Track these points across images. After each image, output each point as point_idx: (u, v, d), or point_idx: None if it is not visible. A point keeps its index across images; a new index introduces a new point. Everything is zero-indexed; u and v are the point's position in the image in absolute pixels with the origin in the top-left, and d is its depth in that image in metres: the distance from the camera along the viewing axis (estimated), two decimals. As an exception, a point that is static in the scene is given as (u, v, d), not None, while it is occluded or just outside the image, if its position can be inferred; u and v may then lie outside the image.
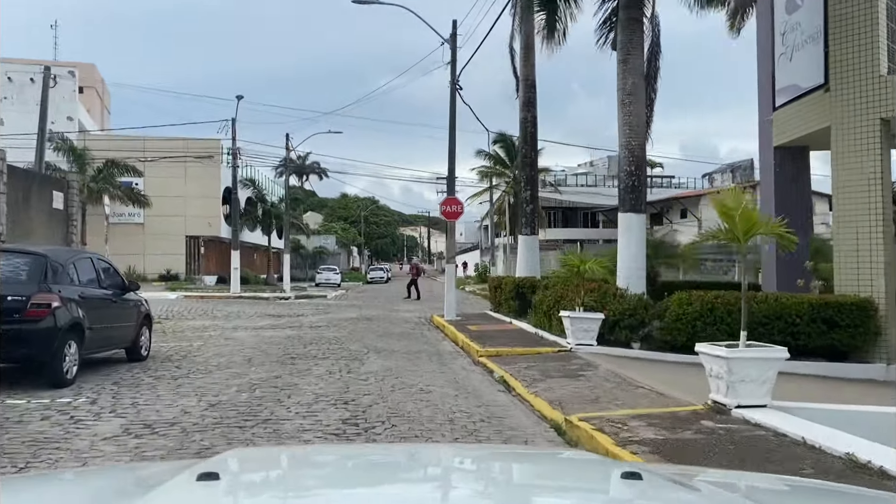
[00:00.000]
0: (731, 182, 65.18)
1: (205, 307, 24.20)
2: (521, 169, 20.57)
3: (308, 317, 21.52)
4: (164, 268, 38.34)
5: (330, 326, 17.99)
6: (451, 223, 19.32)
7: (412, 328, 18.05)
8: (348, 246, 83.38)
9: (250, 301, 28.14)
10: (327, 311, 24.42)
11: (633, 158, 13.41)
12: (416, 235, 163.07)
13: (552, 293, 14.30)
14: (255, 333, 16.14)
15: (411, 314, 23.44)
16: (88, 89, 44.62)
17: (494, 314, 20.20)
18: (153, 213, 38.94)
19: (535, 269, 20.54)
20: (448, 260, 19.36)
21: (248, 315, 21.63)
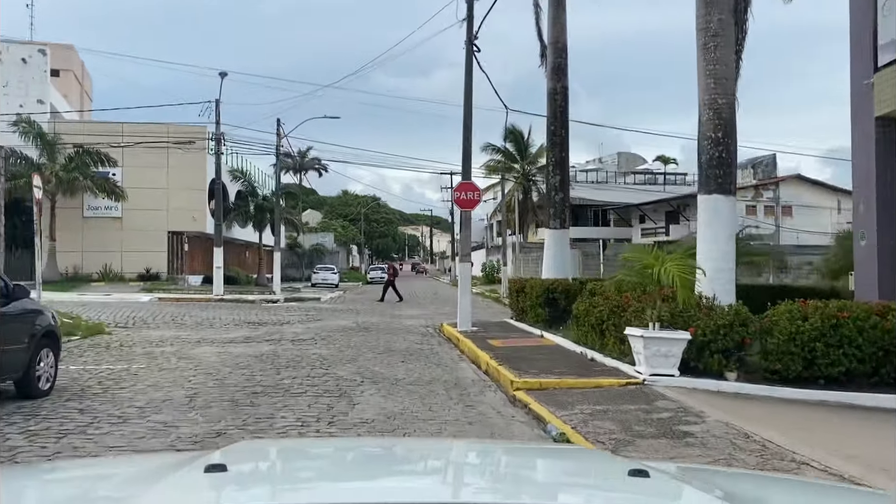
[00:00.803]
0: (752, 178, 61.85)
1: (176, 312, 20.82)
2: (550, 150, 17.20)
3: (294, 325, 18.14)
4: (144, 266, 34.92)
5: (317, 340, 14.61)
6: (465, 213, 15.94)
7: (419, 342, 14.67)
8: (348, 244, 79.98)
9: (231, 305, 24.77)
10: (318, 317, 21.04)
11: (721, 121, 9.97)
12: (417, 234, 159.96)
13: (605, 302, 10.91)
14: (221, 350, 12.75)
15: (416, 321, 20.07)
16: (66, 73, 41.24)
17: (517, 324, 16.82)
18: (132, 207, 35.51)
19: (566, 269, 17.16)
20: (462, 257, 16.00)
21: (222, 323, 18.25)
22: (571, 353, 11.39)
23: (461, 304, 15.78)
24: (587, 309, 11.68)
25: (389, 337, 15.32)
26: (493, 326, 16.59)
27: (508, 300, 18.22)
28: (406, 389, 9.04)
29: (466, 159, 15.90)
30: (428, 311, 24.34)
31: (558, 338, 13.29)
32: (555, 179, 17.17)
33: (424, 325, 18.71)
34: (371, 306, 26.89)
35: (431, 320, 20.65)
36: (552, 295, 15.14)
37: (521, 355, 11.28)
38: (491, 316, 21.42)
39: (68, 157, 31.78)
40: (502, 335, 14.54)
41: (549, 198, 17.35)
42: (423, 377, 10.00)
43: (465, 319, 15.67)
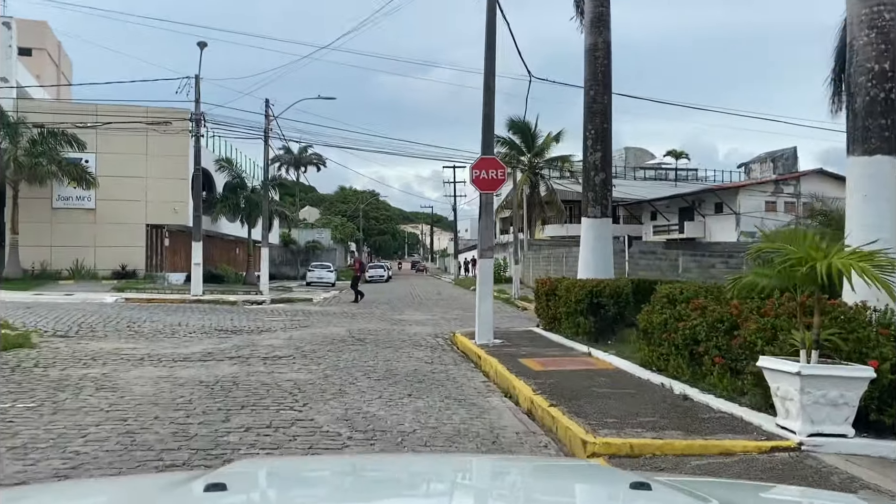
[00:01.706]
0: (771, 173, 58.61)
1: (138, 316, 17.56)
2: (589, 119, 13.93)
3: (275, 333, 14.89)
4: (119, 263, 31.66)
5: (298, 356, 11.34)
6: (486, 196, 12.66)
7: (428, 359, 11.40)
8: (346, 242, 76.65)
9: (208, 307, 21.49)
10: (306, 322, 17.78)
11: (887, 46, 6.71)
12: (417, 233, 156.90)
13: (700, 314, 7.66)
14: (166, 374, 9.50)
15: (421, 329, 16.83)
16: (39, 51, 37.96)
17: (548, 335, 13.58)
18: (106, 197, 32.26)
19: (609, 266, 13.95)
20: (483, 252, 12.71)
21: (187, 331, 14.99)
22: (647, 386, 8.12)
23: (480, 310, 12.54)
24: (665, 322, 8.43)
25: (390, 353, 12.05)
26: (518, 338, 13.34)
27: (535, 305, 14.98)
28: (416, 444, 5.79)
29: (488, 129, 12.63)
30: (434, 316, 21.09)
31: (615, 358, 10.04)
32: (594, 156, 13.90)
33: (433, 335, 15.46)
34: (369, 309, 23.63)
35: (439, 327, 17.42)
36: (597, 300, 11.89)
37: (575, 386, 8.03)
38: (509, 322, 18.18)
39: (31, 140, 28.48)
40: (536, 351, 11.29)
41: (586, 179, 14.09)
42: (441, 426, 6.72)
43: (486, 330, 12.43)
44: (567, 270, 33.60)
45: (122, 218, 32.36)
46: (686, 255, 30.94)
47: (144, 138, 32.14)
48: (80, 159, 31.26)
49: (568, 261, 33.94)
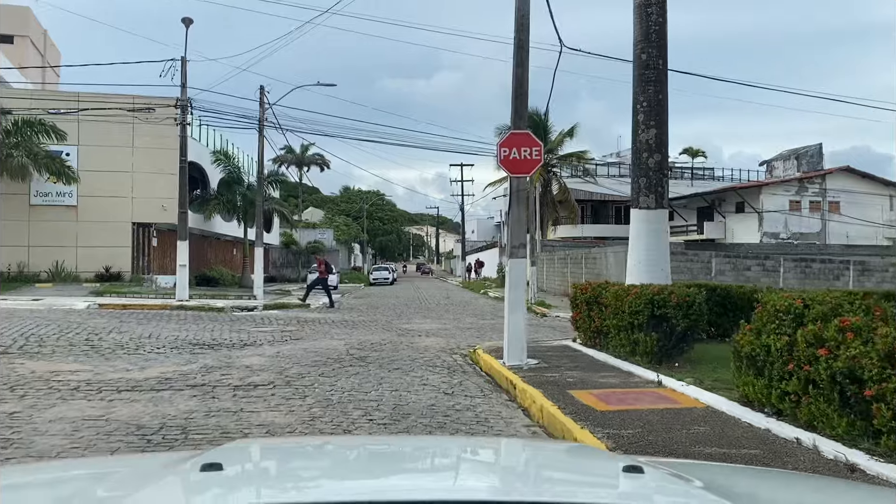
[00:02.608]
0: (795, 171, 55.94)
1: (104, 326, 15.12)
2: (641, 89, 11.40)
3: (259, 349, 12.42)
4: (103, 264, 29.24)
5: (281, 383, 8.85)
6: (518, 181, 10.14)
7: (448, 388, 8.90)
8: (349, 243, 74.21)
9: (191, 314, 19.02)
10: (299, 333, 15.30)
11: None
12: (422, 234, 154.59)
13: (865, 339, 5.16)
14: (99, 413, 7.05)
15: (434, 341, 14.36)
16: (21, 39, 35.61)
17: (591, 353, 11.08)
18: (89, 193, 29.83)
19: (665, 268, 11.40)
20: (513, 251, 10.13)
21: (153, 346, 12.51)
22: (775, 443, 5.59)
23: (510, 323, 10.03)
24: (789, 347, 5.92)
25: (398, 377, 9.54)
26: (555, 356, 10.84)
27: (573, 315, 12.43)
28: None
29: (520, 96, 10.14)
30: (447, 325, 18.60)
31: (699, 391, 7.52)
32: (647, 134, 11.37)
33: (447, 349, 12.99)
34: (373, 316, 21.14)
35: (453, 339, 14.96)
36: (660, 311, 9.37)
37: (667, 441, 5.56)
38: (533, 332, 15.73)
39: (5, 131, 26.07)
40: (586, 378, 8.79)
41: (637, 162, 11.55)
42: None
43: (518, 348, 9.95)
44: (587, 273, 31.05)
45: (106, 216, 29.94)
46: (719, 256, 28.39)
47: (131, 130, 29.70)
48: (60, 152, 28.84)
49: (587, 263, 31.41)
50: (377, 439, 4.56)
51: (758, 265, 28.28)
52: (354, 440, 4.30)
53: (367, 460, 2.23)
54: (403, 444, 2.93)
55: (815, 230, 50.90)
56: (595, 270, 30.05)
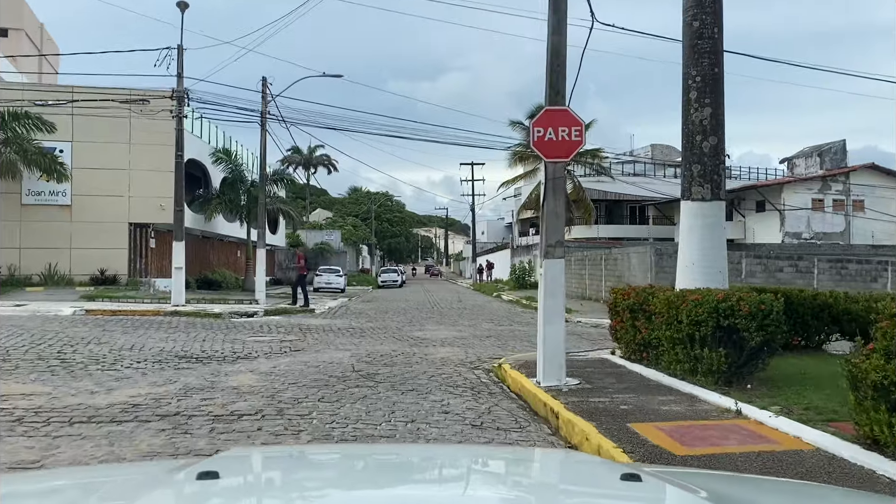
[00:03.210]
0: (817, 168, 54.10)
1: (83, 336, 13.62)
2: (692, 62, 9.78)
3: (254, 363, 10.87)
4: (99, 266, 27.77)
5: (272, 412, 7.26)
6: (554, 168, 8.52)
7: (474, 415, 7.30)
8: (357, 244, 72.65)
9: (185, 321, 17.48)
10: (301, 343, 13.74)
11: None
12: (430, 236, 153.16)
13: None
14: (39, 456, 5.51)
15: (450, 352, 12.81)
16: (16, 32, 34.25)
17: (637, 368, 9.48)
18: (84, 192, 28.40)
19: (723, 270, 9.79)
20: (548, 249, 8.43)
21: (133, 360, 10.96)
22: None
23: (548, 336, 8.43)
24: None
25: (414, 402, 7.94)
26: (597, 374, 9.24)
27: (612, 323, 10.81)
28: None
29: (557, 67, 8.53)
30: (462, 332, 17.01)
31: (797, 426, 5.92)
32: (701, 113, 9.74)
33: (467, 363, 11.42)
34: (382, 322, 19.58)
35: (472, 349, 13.40)
36: (728, 321, 7.77)
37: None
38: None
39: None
40: (643, 405, 7.19)
41: (689, 146, 9.92)
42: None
43: (555, 366, 8.36)
44: (607, 275, 29.41)
45: (101, 216, 28.48)
46: (749, 257, 26.71)
47: (127, 125, 28.24)
48: (53, 149, 27.43)
49: (607, 264, 29.72)
50: (383, 448, 4.43)
51: (790, 266, 26.60)
52: (359, 448, 4.23)
53: (372, 470, 2.19)
54: (411, 453, 2.88)
55: (839, 229, 49.10)
56: (616, 272, 28.40)
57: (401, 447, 4.73)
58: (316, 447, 4.90)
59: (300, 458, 2.44)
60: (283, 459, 2.39)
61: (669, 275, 24.80)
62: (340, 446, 5.19)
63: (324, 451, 3.23)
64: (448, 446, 5.29)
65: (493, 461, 2.46)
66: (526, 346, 14.39)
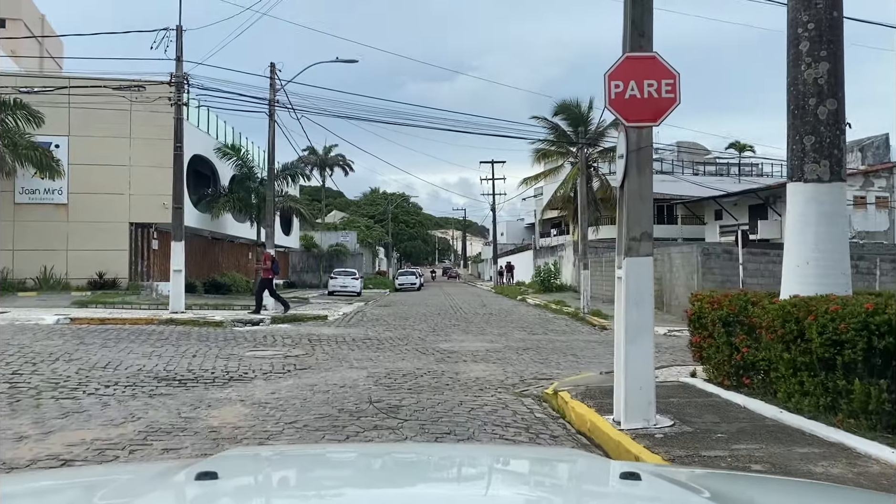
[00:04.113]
0: (859, 163, 51.47)
1: (57, 350, 11.61)
2: (804, 7, 7.63)
3: (248, 386, 8.79)
4: (97, 270, 25.88)
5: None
6: (638, 135, 6.35)
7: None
8: (373, 246, 70.64)
9: (181, 330, 15.44)
10: (307, 360, 11.64)
11: None
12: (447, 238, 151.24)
13: None
14: None
15: (485, 371, 10.69)
16: (14, 22, 32.53)
17: (738, 399, 7.28)
18: (81, 189, 26.54)
19: (846, 269, 7.60)
20: (630, 243, 6.23)
21: (102, 383, 8.89)
22: None
23: (631, 361, 6.27)
24: None
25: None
26: (690, 409, 7.05)
27: (695, 339, 8.60)
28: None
29: (640, 2, 6.40)
30: (495, 343, 14.86)
31: None
32: (816, 69, 7.53)
33: (511, 386, 9.28)
34: (402, 331, 17.46)
35: (512, 366, 11.26)
36: (886, 342, 5.58)
37: None
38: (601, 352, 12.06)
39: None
40: (782, 462, 5.00)
41: (799, 112, 7.71)
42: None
43: (642, 402, 6.21)
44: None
45: (100, 215, 26.58)
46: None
47: (127, 118, 26.36)
48: (49, 143, 25.58)
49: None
50: (382, 447, 4.29)
51: (850, 267, 24.14)
52: (355, 448, 4.30)
53: (358, 470, 2.17)
54: (404, 452, 2.80)
55: (883, 228, 46.54)
56: (655, 274, 26.05)
57: (403, 446, 4.51)
58: (318, 447, 4.77)
59: (303, 458, 2.38)
60: (285, 460, 2.34)
61: (717, 276, 22.58)
62: (342, 446, 5.12)
63: (327, 450, 3.16)
64: (442, 446, 5.17)
65: (490, 459, 2.43)
66: (571, 361, 12.25)
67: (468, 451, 3.16)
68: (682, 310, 24.25)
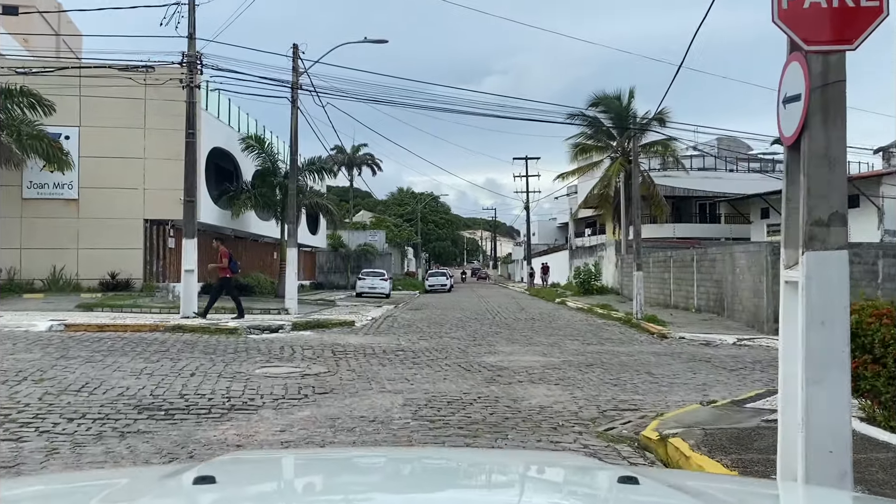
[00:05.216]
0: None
1: (30, 365, 9.69)
2: None
3: (253, 419, 6.76)
4: (109, 269, 24.14)
5: None
6: (825, 63, 4.26)
7: None
8: (402, 246, 68.69)
9: (187, 339, 13.47)
10: (328, 383, 9.56)
11: None
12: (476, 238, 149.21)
13: None
14: None
15: (551, 395, 8.60)
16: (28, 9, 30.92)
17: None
18: (93, 184, 24.81)
19: None
20: (811, 234, 4.26)
21: (69, 411, 6.91)
22: None
23: (813, 407, 4.05)
24: None
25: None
26: (875, 469, 4.85)
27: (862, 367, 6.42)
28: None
29: None
30: (548, 355, 12.67)
31: None
32: None
33: (587, 421, 7.14)
34: (439, 340, 15.35)
35: (581, 390, 9.11)
36: None
37: None
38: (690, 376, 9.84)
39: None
40: None
41: None
42: None
43: (829, 467, 3.98)
44: (700, 280, 24.70)
45: (113, 211, 24.81)
46: (888, 256, 21.76)
47: (142, 107, 24.60)
48: (59, 135, 23.90)
49: (700, 267, 24.98)
50: (365, 452, 4.33)
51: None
52: (346, 452, 4.26)
53: (353, 474, 2.12)
54: (398, 457, 2.72)
55: (946, 233, 43.50)
56: (713, 276, 23.72)
57: (398, 451, 4.36)
58: (316, 451, 4.73)
59: (295, 463, 2.35)
60: (284, 465, 2.30)
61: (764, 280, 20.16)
62: (337, 451, 4.97)
63: (324, 455, 3.00)
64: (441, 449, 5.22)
65: (488, 463, 2.42)
66: (648, 382, 10.05)
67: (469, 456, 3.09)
68: (747, 315, 21.92)
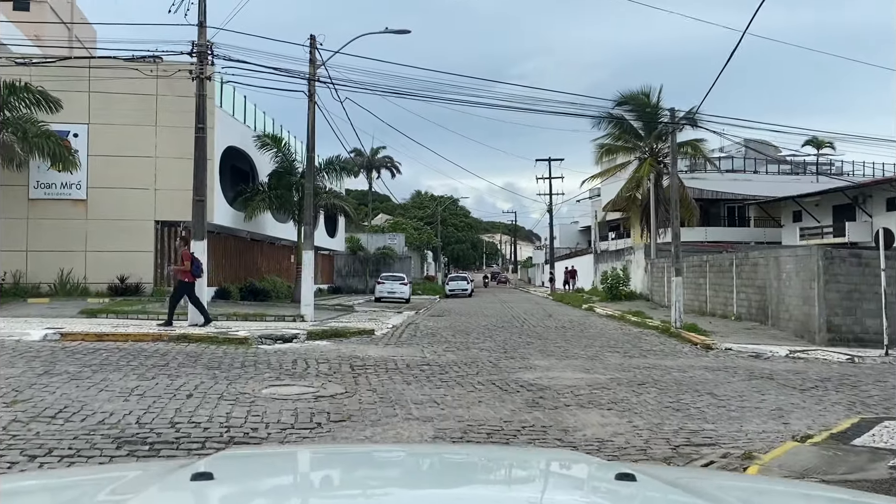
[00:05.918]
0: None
1: (6, 383, 8.48)
2: None
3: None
4: (118, 273, 23.08)
5: None
6: None
7: None
8: (421, 249, 67.46)
9: (190, 352, 12.24)
10: (344, 408, 8.28)
11: None
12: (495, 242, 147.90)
13: None
14: None
15: (606, 424, 7.28)
16: (38, 5, 30.13)
17: None
18: (102, 184, 23.75)
19: None
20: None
21: (34, 445, 5.67)
22: None
23: None
24: None
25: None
26: None
27: None
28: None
29: None
30: (593, 372, 11.33)
31: None
32: None
33: (662, 461, 5.75)
34: (466, 351, 14.04)
35: (640, 418, 7.78)
36: None
37: None
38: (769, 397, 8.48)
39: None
40: None
41: None
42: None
43: None
44: (740, 286, 23.11)
45: (122, 212, 23.74)
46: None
47: (153, 103, 23.57)
48: (67, 132, 22.90)
49: (740, 272, 23.41)
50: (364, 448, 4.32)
51: None
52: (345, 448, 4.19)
53: (353, 471, 2.10)
54: (393, 454, 2.71)
55: None
56: (755, 282, 22.18)
57: (394, 448, 4.42)
58: (311, 448, 4.73)
59: (293, 459, 2.36)
60: (282, 460, 2.30)
61: (843, 285, 18.41)
62: (334, 447, 4.86)
63: (324, 451, 3.00)
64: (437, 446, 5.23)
65: (485, 460, 2.40)
66: (714, 406, 8.70)
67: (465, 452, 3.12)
68: (794, 324, 20.29)
